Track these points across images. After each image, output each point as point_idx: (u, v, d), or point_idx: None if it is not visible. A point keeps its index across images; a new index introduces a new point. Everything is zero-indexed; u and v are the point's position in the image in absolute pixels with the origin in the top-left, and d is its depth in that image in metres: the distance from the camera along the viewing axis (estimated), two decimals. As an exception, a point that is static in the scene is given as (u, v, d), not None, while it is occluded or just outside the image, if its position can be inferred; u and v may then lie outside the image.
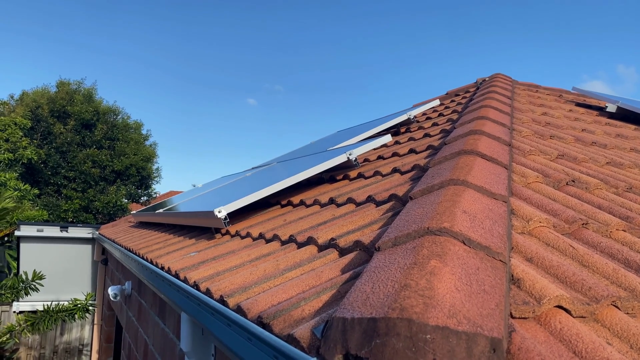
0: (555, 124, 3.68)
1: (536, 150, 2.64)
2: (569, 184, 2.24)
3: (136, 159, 18.59)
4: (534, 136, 3.09)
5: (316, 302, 1.27)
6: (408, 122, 4.56)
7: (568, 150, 2.88)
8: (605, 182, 2.37)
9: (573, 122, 3.99)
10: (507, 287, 1.19)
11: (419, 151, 3.05)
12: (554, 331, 1.12)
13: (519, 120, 3.51)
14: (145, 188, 19.91)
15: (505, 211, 1.55)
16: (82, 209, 17.09)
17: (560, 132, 3.38)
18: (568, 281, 1.32)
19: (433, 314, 0.87)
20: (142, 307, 4.10)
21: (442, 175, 1.82)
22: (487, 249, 1.21)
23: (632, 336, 1.16)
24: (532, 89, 5.53)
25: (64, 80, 18.85)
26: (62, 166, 17.34)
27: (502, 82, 5.00)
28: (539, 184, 2.15)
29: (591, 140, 3.36)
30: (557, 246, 1.56)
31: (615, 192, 2.32)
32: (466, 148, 2.15)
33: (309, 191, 3.16)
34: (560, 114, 4.17)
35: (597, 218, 1.85)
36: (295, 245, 2.02)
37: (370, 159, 3.50)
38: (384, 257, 1.21)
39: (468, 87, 5.68)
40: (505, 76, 5.52)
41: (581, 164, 2.69)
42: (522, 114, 3.75)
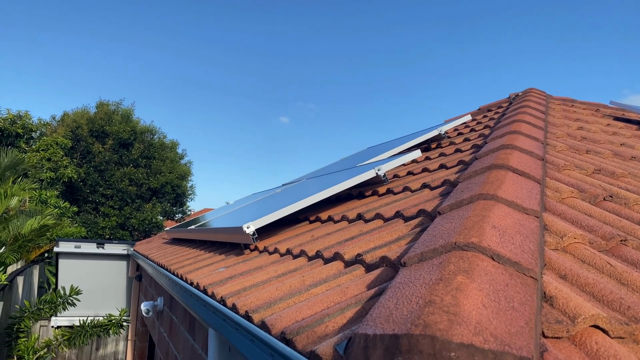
0: (592, 138, 3.57)
1: (571, 165, 2.56)
2: (606, 199, 2.15)
3: (171, 177, 18.98)
4: (569, 151, 3.00)
5: (340, 318, 1.24)
6: (439, 138, 4.51)
7: (605, 165, 2.78)
8: (645, 197, 2.27)
9: (611, 137, 3.86)
10: (539, 305, 1.14)
11: (450, 166, 3.00)
12: (590, 352, 1.06)
13: (553, 134, 3.42)
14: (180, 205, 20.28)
15: (538, 227, 1.50)
16: (118, 226, 17.51)
17: (597, 147, 3.28)
18: (605, 300, 1.26)
19: (458, 331, 0.84)
20: (173, 322, 4.14)
21: (471, 190, 1.78)
22: (517, 264, 1.16)
23: (676, 359, 1.09)
24: (568, 103, 5.40)
25: (104, 102, 19.52)
26: (100, 184, 17.85)
27: (536, 97, 4.90)
28: (574, 199, 2.07)
29: (630, 154, 3.23)
30: (593, 263, 1.50)
31: (657, 208, 2.21)
32: (497, 162, 2.10)
33: (338, 207, 3.15)
34: (597, 129, 4.04)
35: (637, 234, 1.77)
36: (322, 261, 2.00)
37: (400, 174, 3.47)
38: (409, 273, 1.18)
39: (501, 102, 5.59)
40: (539, 91, 5.41)
41: (619, 179, 2.59)
42: (556, 129, 3.65)
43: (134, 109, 20.21)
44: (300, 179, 5.51)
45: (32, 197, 12.26)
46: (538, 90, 5.42)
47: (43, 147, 15.90)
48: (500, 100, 5.69)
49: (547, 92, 5.71)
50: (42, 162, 15.51)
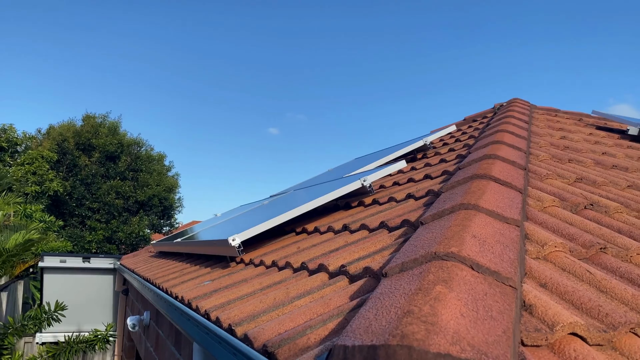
0: (574, 147, 3.62)
1: (553, 174, 2.60)
2: (587, 207, 2.18)
3: (159, 190, 18.87)
4: (551, 160, 3.04)
5: (322, 330, 1.24)
6: (425, 148, 4.54)
7: (587, 173, 2.82)
8: (625, 205, 2.31)
9: (593, 146, 3.92)
10: (518, 314, 1.15)
11: (434, 177, 3.02)
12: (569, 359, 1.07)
13: (536, 144, 3.46)
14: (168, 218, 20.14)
15: (518, 235, 1.52)
16: (105, 240, 17.33)
17: (579, 156, 3.33)
18: (584, 307, 1.27)
19: (435, 341, 0.84)
20: (160, 337, 4.09)
21: (453, 200, 1.79)
22: (497, 274, 1.17)
23: (653, 365, 1.11)
24: (551, 113, 5.48)
25: (90, 114, 19.40)
26: (87, 198, 17.68)
27: (520, 107, 4.97)
28: (555, 208, 2.10)
29: (612, 163, 3.29)
30: (573, 271, 1.51)
31: (637, 216, 2.25)
32: (479, 172, 2.12)
33: (324, 218, 3.15)
34: (579, 138, 4.10)
35: (616, 242, 1.80)
36: (307, 273, 2.00)
37: (386, 185, 3.48)
38: (390, 283, 1.18)
39: (486, 113, 5.66)
40: (523, 101, 5.48)
41: (601, 187, 2.63)
42: (539, 138, 3.70)
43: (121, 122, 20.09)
44: (288, 190, 5.51)
45: (17, 212, 12.10)
46: (522, 101, 5.49)
47: (28, 161, 15.74)
48: (485, 110, 5.76)
49: (531, 102, 5.78)
50: (27, 175, 15.34)
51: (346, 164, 5.69)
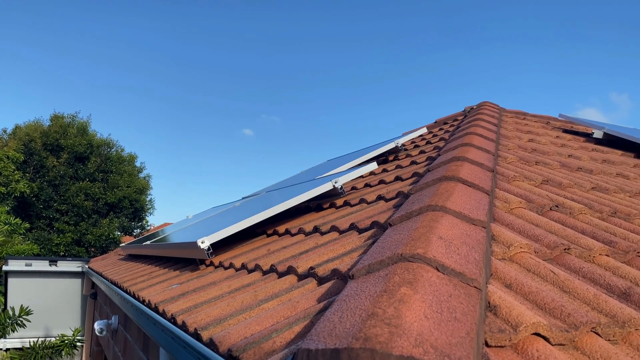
0: (542, 150, 3.69)
1: (520, 176, 2.64)
2: (552, 209, 2.22)
3: (129, 192, 18.52)
4: (519, 162, 3.09)
5: (288, 333, 1.23)
6: (396, 150, 4.57)
7: (553, 175, 2.87)
8: (589, 207, 2.36)
9: (559, 148, 4.01)
10: (482, 315, 1.16)
11: (405, 178, 3.04)
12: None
13: (504, 147, 3.52)
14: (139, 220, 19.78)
15: (484, 237, 1.53)
16: (74, 243, 16.91)
17: (546, 158, 3.39)
18: (547, 307, 1.29)
19: (398, 343, 0.84)
20: (128, 342, 4.01)
21: (421, 202, 1.80)
22: (462, 275, 1.18)
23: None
24: (520, 116, 5.58)
25: (58, 114, 18.93)
26: (55, 199, 17.24)
27: (489, 110, 5.05)
28: (521, 209, 2.13)
29: (577, 165, 3.36)
30: (537, 272, 1.54)
31: (600, 217, 2.30)
32: (447, 174, 2.14)
33: (295, 220, 3.14)
34: (546, 141, 4.19)
35: (579, 243, 1.83)
36: (276, 275, 1.98)
37: (358, 186, 3.49)
38: (356, 286, 1.18)
39: (456, 116, 5.73)
40: (492, 104, 5.57)
41: (566, 189, 2.68)
42: (508, 141, 3.76)
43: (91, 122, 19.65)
44: (260, 192, 5.47)
45: (-20, 214, 11.70)
46: (492, 104, 5.58)
47: (-7, 162, 15.24)
48: (456, 113, 5.83)
49: (500, 106, 5.88)
50: (-8, 176, 14.86)
51: (319, 166, 5.69)
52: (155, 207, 20.62)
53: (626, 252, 1.85)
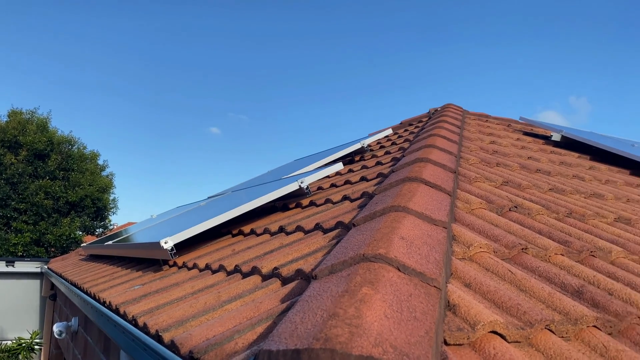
0: (502, 152, 3.79)
1: (481, 178, 2.70)
2: (511, 210, 2.29)
3: (92, 190, 18.05)
4: (480, 164, 3.16)
5: (251, 334, 1.23)
6: (362, 151, 4.61)
7: (513, 177, 2.95)
8: (547, 207, 2.44)
9: (520, 150, 4.12)
10: (442, 314, 1.19)
11: (370, 179, 3.07)
12: (488, 357, 1.11)
13: (467, 148, 3.60)
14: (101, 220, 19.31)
15: (445, 237, 1.56)
16: (33, 243, 16.37)
17: (507, 160, 3.48)
18: (504, 306, 1.33)
19: (358, 343, 0.85)
20: (88, 344, 3.91)
21: (384, 202, 1.83)
22: (422, 275, 1.20)
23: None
24: (482, 118, 5.71)
25: (16, 110, 18.28)
26: (12, 198, 16.64)
27: (453, 112, 5.14)
28: (482, 210, 2.18)
29: (536, 167, 3.47)
30: (496, 271, 1.58)
31: (556, 218, 2.38)
32: (411, 175, 2.17)
33: (261, 220, 3.12)
34: (507, 143, 4.30)
35: (536, 243, 1.89)
36: (240, 276, 1.97)
37: (324, 186, 3.50)
38: (319, 286, 1.19)
39: (421, 117, 5.82)
40: (456, 106, 5.68)
41: (525, 190, 2.76)
42: (470, 143, 3.84)
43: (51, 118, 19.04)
44: (226, 191, 5.42)
45: None
46: (455, 106, 5.69)
47: (-55, 158, 14.61)
48: (421, 115, 5.92)
49: (464, 108, 6.00)
50: (-56, 174, 14.24)
51: (286, 165, 5.68)
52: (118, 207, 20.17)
53: (580, 252, 1.92)
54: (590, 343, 1.31)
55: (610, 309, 1.46)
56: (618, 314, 1.44)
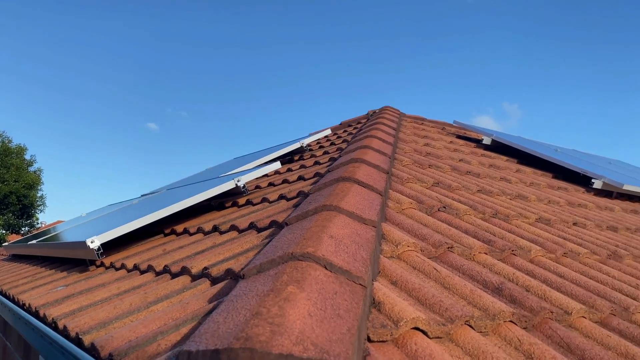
0: (436, 154, 3.92)
1: (413, 178, 2.78)
2: (440, 210, 2.36)
3: (17, 186, 17.04)
4: (413, 165, 3.25)
5: (174, 335, 1.20)
6: (301, 150, 4.62)
7: (444, 178, 3.06)
8: (474, 208, 2.54)
9: (452, 153, 4.27)
10: (366, 311, 1.21)
11: (307, 178, 3.08)
12: (410, 353, 1.15)
13: (402, 150, 3.69)
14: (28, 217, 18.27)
15: (374, 236, 1.59)
16: (-52, 242, 15.25)
17: (439, 162, 3.60)
18: (427, 303, 1.37)
19: (279, 342, 0.85)
20: (7, 349, 3.69)
21: (317, 202, 1.84)
22: (348, 273, 1.22)
23: (482, 354, 1.22)
24: (418, 121, 5.88)
25: None
26: None
27: (390, 115, 5.26)
28: (412, 210, 2.24)
29: (466, 169, 3.61)
30: (422, 269, 1.63)
31: (483, 218, 2.49)
32: (344, 175, 2.20)
33: (195, 219, 3.06)
34: (441, 145, 4.45)
35: (462, 242, 1.97)
36: (169, 276, 1.92)
37: (262, 185, 3.48)
38: (246, 285, 1.18)
39: (360, 118, 5.90)
40: (393, 109, 5.82)
41: (455, 191, 2.87)
42: (405, 145, 3.94)
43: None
44: (161, 189, 5.27)
45: None
46: (393, 109, 5.82)
47: None
48: (360, 116, 6.01)
49: (401, 111, 6.15)
50: None
51: (225, 163, 5.60)
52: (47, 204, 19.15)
53: (502, 250, 2.01)
54: (506, 337, 1.38)
55: (526, 305, 1.54)
56: (533, 309, 1.53)
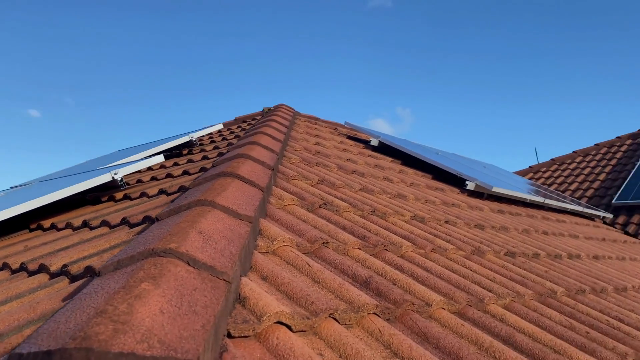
0: (325, 153, 4.00)
1: (299, 176, 2.81)
2: (321, 207, 2.41)
3: None
4: (301, 163, 3.29)
5: (16, 337, 1.10)
6: (191, 144, 4.49)
7: (329, 177, 3.13)
8: (354, 206, 2.62)
9: (341, 153, 4.39)
10: (230, 307, 1.20)
11: (192, 173, 3.00)
12: (271, 347, 1.15)
13: (292, 148, 3.72)
14: None
15: (248, 231, 1.58)
16: None
17: (327, 161, 3.68)
18: (295, 297, 1.39)
19: (121, 340, 0.81)
20: None
21: (193, 196, 1.79)
22: (212, 268, 1.20)
23: (342, 346, 1.26)
24: (312, 120, 5.97)
25: None
26: None
27: (284, 112, 5.29)
28: (294, 206, 2.27)
29: (352, 169, 3.72)
30: (295, 264, 1.65)
31: (361, 215, 2.58)
32: (227, 170, 2.17)
33: (67, 214, 2.84)
34: (331, 145, 4.56)
35: (338, 237, 2.02)
36: (26, 274, 1.76)
37: (144, 180, 3.32)
38: (99, 282, 1.11)
39: (255, 115, 5.88)
40: (288, 107, 5.86)
41: (338, 189, 2.95)
42: (296, 143, 3.98)
43: None
44: (32, 181, 4.84)
45: None
46: (287, 107, 5.86)
47: None
48: (256, 112, 5.99)
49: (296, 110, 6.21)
50: None
51: (108, 155, 5.27)
52: None
53: (375, 246, 2.10)
54: (369, 329, 1.43)
55: (390, 297, 1.62)
56: (397, 301, 1.61)
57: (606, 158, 9.64)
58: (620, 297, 2.86)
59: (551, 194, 6.61)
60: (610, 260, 4.04)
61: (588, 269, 3.27)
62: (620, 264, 4.03)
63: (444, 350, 1.46)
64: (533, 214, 4.91)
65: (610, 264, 3.82)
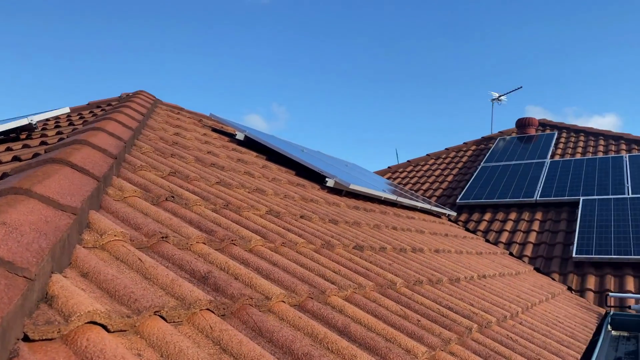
0: (183, 144, 3.84)
1: (148, 166, 2.65)
2: (168, 199, 2.29)
3: None
4: (153, 153, 3.12)
5: None
6: (30, 128, 4.03)
7: (184, 169, 3.00)
8: (206, 199, 2.54)
9: (202, 145, 4.25)
10: (31, 307, 1.06)
11: (25, 159, 2.68)
12: (79, 350, 1.04)
13: (146, 137, 3.51)
14: None
15: (69, 224, 1.43)
16: None
17: (184, 152, 3.53)
18: (117, 295, 1.28)
19: None
20: None
21: (8, 184, 1.58)
22: (10, 264, 1.05)
23: (165, 345, 1.19)
24: (175, 110, 5.72)
25: None
26: None
27: (143, 99, 4.99)
28: (135, 198, 2.12)
29: (212, 162, 3.62)
30: (125, 260, 1.53)
31: (213, 209, 2.50)
32: (57, 157, 1.96)
33: None
34: (192, 136, 4.39)
35: (181, 232, 1.93)
36: None
37: (-34, 166, 2.90)
38: None
39: (111, 100, 5.47)
40: (148, 94, 5.54)
41: (192, 182, 2.83)
42: (152, 132, 3.77)
43: None
44: None
45: None
46: (147, 94, 5.54)
47: None
48: (112, 98, 5.57)
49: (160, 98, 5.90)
50: None
51: None
52: None
53: (222, 240, 2.04)
54: (199, 326, 1.38)
55: (227, 293, 1.58)
56: (234, 296, 1.57)
57: (454, 161, 10.63)
58: (453, 287, 3.14)
59: (405, 192, 7.09)
60: (450, 253, 4.43)
61: (428, 261, 3.54)
62: (458, 257, 4.44)
63: (277, 344, 1.45)
64: (386, 211, 5.21)
65: (449, 257, 4.18)
